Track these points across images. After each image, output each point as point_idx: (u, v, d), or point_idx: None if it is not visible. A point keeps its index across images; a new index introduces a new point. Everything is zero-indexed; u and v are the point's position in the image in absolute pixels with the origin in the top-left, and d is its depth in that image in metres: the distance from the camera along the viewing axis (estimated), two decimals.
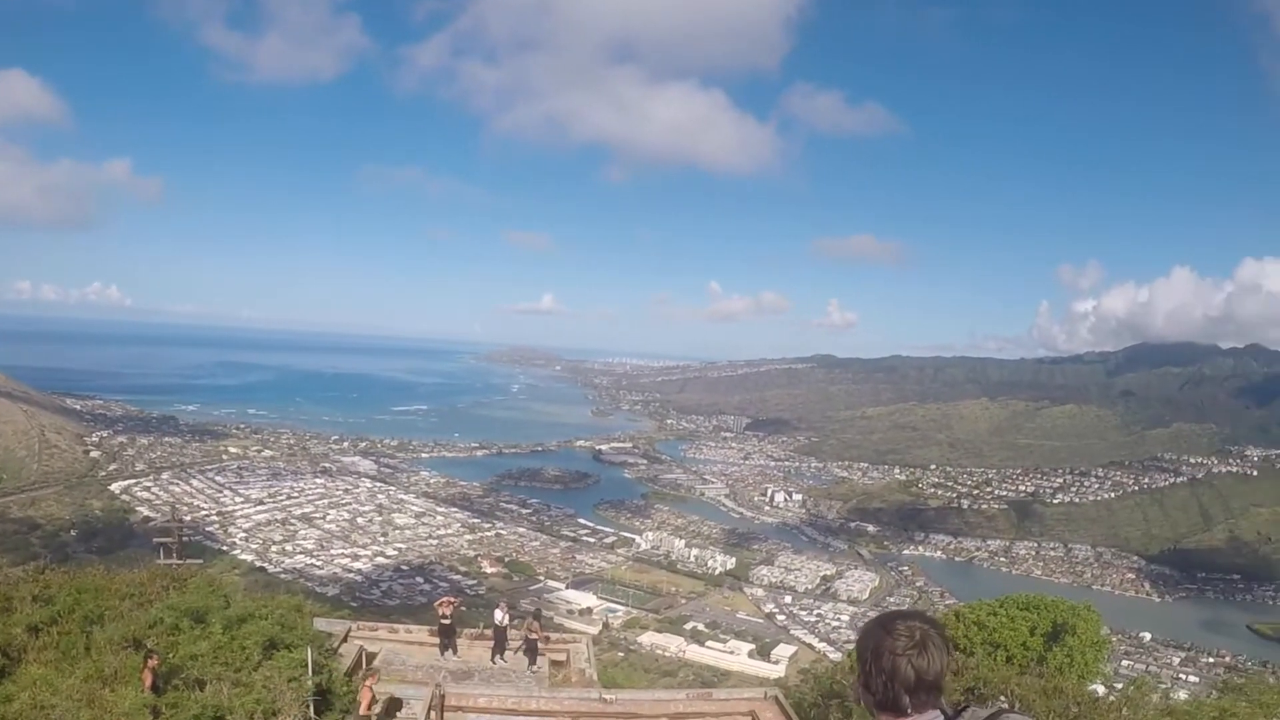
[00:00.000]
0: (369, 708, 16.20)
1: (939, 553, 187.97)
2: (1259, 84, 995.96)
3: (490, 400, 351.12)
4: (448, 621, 23.66)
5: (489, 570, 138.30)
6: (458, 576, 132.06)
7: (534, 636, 23.46)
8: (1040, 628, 21.29)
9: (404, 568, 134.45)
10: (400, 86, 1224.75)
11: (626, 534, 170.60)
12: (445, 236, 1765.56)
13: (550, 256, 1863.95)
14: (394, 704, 17.45)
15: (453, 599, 25.12)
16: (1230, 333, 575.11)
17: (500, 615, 24.03)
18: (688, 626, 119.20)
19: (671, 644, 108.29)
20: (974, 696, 13.20)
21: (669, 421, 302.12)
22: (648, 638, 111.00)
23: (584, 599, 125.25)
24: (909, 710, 2.66)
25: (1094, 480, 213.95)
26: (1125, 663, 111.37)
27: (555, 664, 24.25)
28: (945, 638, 2.74)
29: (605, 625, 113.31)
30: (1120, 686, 20.79)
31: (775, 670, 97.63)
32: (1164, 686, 53.07)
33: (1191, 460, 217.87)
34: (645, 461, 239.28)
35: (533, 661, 23.23)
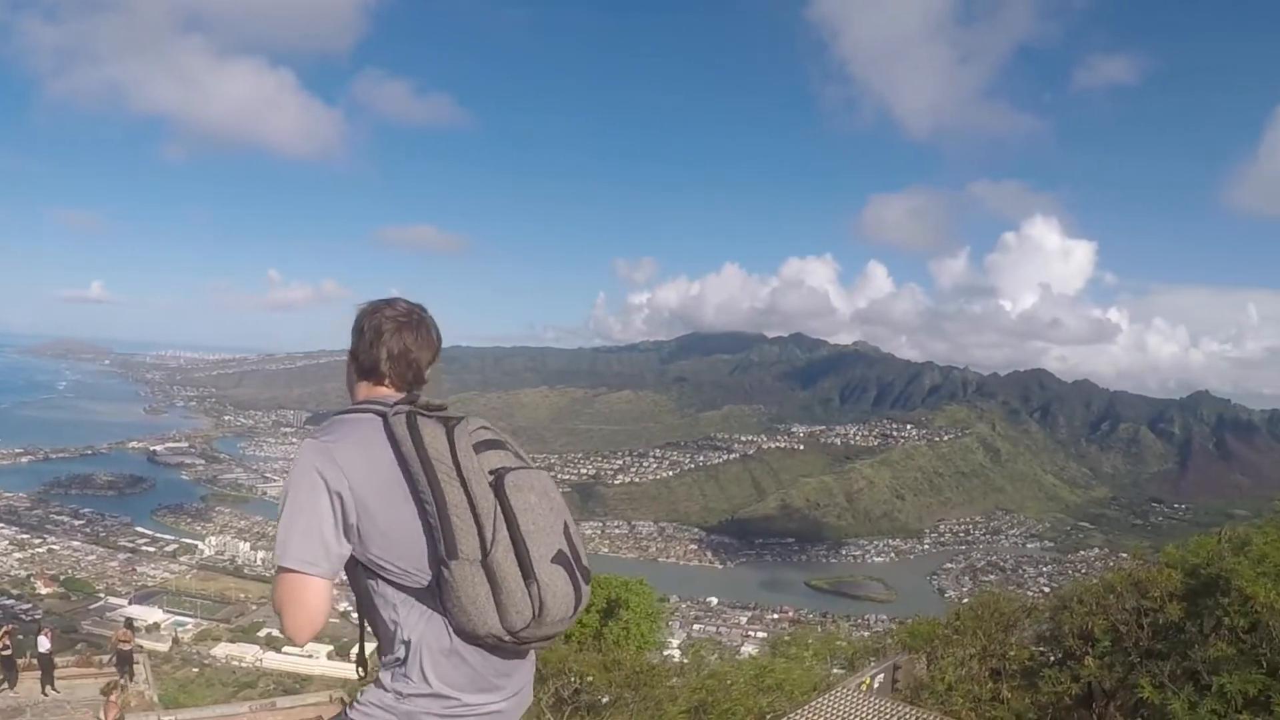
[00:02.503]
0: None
1: None
2: (807, 102, 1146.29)
3: (34, 399, 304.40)
4: (8, 652, 21.70)
5: (44, 590, 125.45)
6: (10, 601, 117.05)
7: (126, 647, 22.56)
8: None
9: None
10: None
11: (189, 540, 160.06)
12: None
13: (102, 239, 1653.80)
14: None
15: (9, 627, 23.60)
16: (775, 323, 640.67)
17: (45, 642, 22.27)
18: (262, 634, 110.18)
19: (247, 653, 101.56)
20: (538, 677, 10.62)
21: (226, 418, 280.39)
22: (221, 649, 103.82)
23: (150, 614, 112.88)
24: (385, 378, 2.62)
25: (653, 460, 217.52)
26: (697, 626, 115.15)
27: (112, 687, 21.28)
28: (438, 333, 2.75)
29: (175, 640, 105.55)
30: (669, 653, 24.14)
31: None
32: (732, 645, 74.26)
33: (743, 438, 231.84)
34: (203, 461, 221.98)
35: (129, 674, 22.30)
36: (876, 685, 10.30)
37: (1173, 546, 9.59)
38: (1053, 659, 10.82)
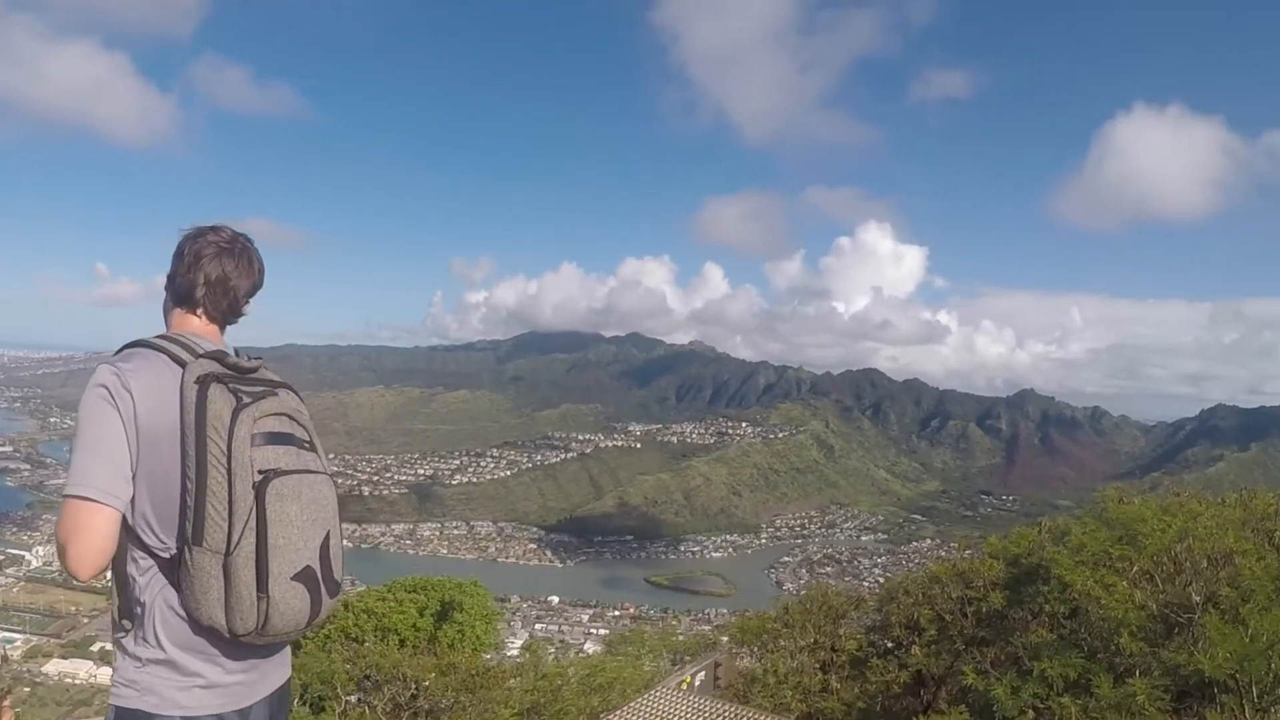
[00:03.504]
0: None
1: (345, 541, 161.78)
2: (646, 103, 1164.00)
3: None
4: None
5: None
6: None
7: None
8: (430, 608, 21.56)
9: None
10: None
11: (15, 551, 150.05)
12: None
13: None
14: None
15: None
16: (613, 322, 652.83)
17: None
18: (95, 648, 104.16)
19: (81, 669, 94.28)
20: (370, 682, 13.09)
21: (52, 420, 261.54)
22: (53, 666, 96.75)
23: None
24: (199, 306, 2.53)
25: (490, 460, 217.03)
26: (539, 626, 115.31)
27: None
28: (261, 265, 2.66)
29: (4, 658, 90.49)
30: (513, 653, 24.71)
31: None
32: (575, 644, 74.48)
33: (580, 437, 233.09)
34: (29, 467, 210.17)
35: None
36: (698, 683, 10.39)
37: (995, 538, 9.95)
38: (881, 649, 11.05)
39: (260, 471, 2.20)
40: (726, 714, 8.68)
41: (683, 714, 8.64)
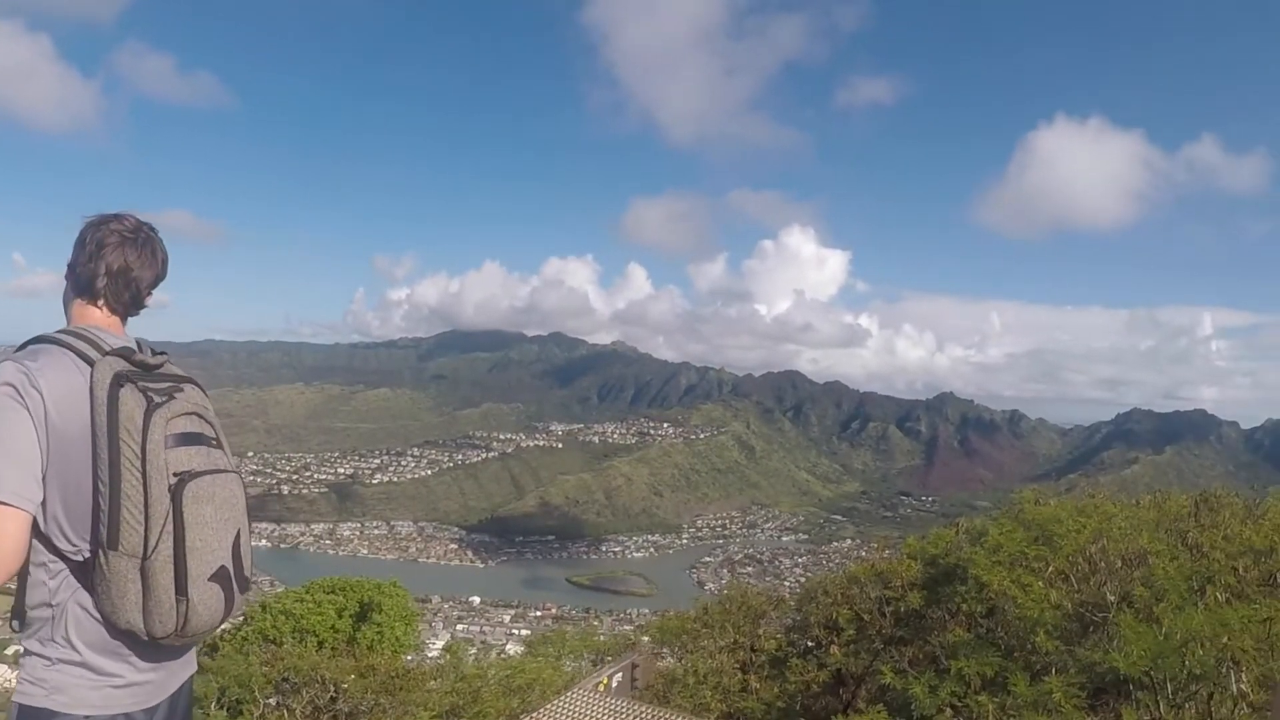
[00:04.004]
0: None
1: (264, 541, 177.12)
2: (573, 103, 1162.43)
3: None
4: None
5: None
6: None
7: None
8: (348, 609, 20.95)
9: None
10: None
11: None
12: None
13: None
14: None
15: None
16: (535, 322, 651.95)
17: None
18: (10, 651, 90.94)
19: None
20: (288, 685, 12.62)
21: None
22: None
23: None
24: (101, 297, 2.43)
25: (411, 459, 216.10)
26: (460, 626, 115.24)
27: None
28: (165, 255, 2.55)
29: None
30: (435, 654, 23.34)
31: None
32: (497, 644, 69.59)
33: (502, 436, 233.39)
34: None
35: None
36: (615, 684, 10.37)
37: (914, 538, 10.03)
38: (801, 649, 11.05)
39: (175, 474, 2.18)
40: (643, 715, 8.60)
41: (598, 715, 8.53)
